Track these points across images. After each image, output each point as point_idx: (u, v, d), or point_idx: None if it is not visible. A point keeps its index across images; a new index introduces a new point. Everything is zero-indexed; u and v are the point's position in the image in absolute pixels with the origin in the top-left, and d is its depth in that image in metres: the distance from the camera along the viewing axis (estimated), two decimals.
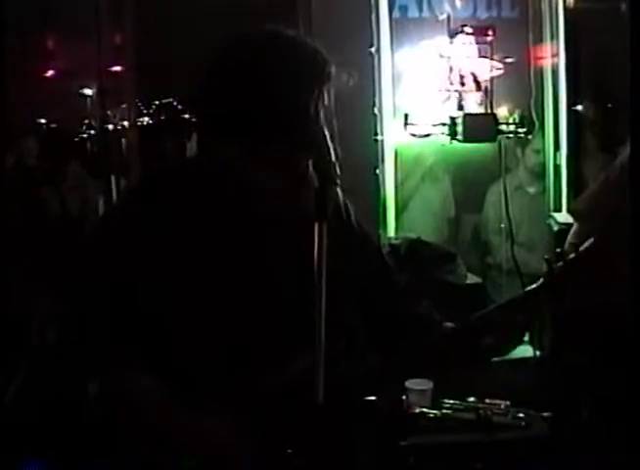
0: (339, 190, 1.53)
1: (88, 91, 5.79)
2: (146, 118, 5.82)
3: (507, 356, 3.03)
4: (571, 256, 1.69)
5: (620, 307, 1.87)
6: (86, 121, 5.93)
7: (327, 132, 1.60)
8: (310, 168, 1.57)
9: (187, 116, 5.56)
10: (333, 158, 1.56)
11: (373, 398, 1.58)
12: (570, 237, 2.45)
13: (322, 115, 1.63)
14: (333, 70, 1.65)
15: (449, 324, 1.81)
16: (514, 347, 1.79)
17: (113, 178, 5.06)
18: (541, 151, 4.24)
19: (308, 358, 1.43)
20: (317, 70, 1.63)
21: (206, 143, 1.68)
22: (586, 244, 1.69)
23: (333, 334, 1.45)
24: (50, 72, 5.82)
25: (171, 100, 6.06)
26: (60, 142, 5.93)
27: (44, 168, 5.47)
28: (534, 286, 1.74)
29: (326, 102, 1.64)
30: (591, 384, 2.43)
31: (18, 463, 1.49)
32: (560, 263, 1.70)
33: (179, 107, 5.95)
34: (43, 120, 6.00)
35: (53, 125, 6.01)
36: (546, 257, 1.72)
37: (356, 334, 1.74)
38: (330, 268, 1.46)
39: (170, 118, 5.87)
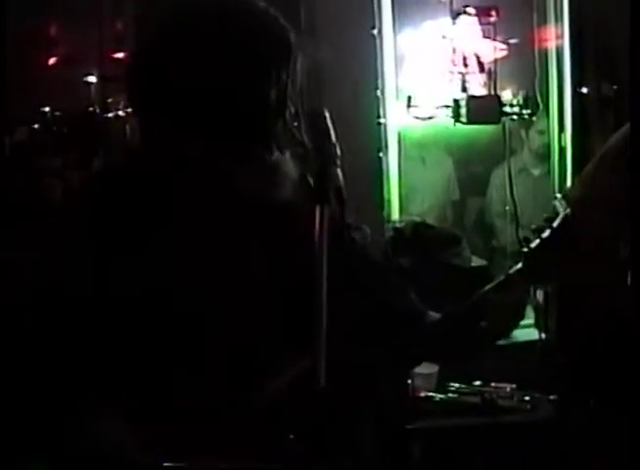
0: (339, 171, 1.50)
1: (92, 78, 5.78)
2: None
3: (513, 340, 3.04)
4: (545, 234, 1.67)
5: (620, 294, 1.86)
6: (90, 109, 5.92)
7: (326, 113, 1.55)
8: (310, 150, 1.53)
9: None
10: (333, 139, 1.52)
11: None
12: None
13: (291, 94, 1.58)
14: (295, 40, 1.58)
15: (434, 314, 1.77)
16: (512, 328, 1.76)
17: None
18: (545, 132, 4.22)
19: (306, 358, 1.39)
20: (276, 45, 1.56)
21: (158, 135, 1.59)
22: (558, 220, 1.68)
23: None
24: (53, 60, 5.80)
25: None
26: (63, 129, 5.92)
27: (47, 156, 5.46)
28: (516, 267, 1.70)
29: (298, 79, 1.59)
30: (596, 369, 2.42)
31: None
32: (535, 242, 1.68)
33: None
34: (47, 108, 5.99)
35: (57, 113, 6.00)
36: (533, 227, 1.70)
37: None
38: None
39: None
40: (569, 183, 4.04)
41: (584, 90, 4.14)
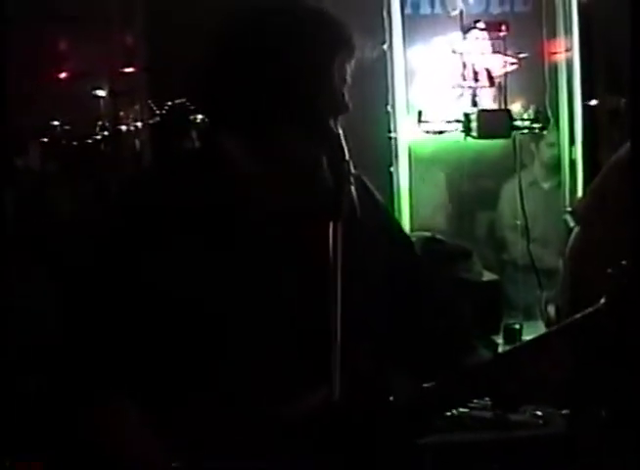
0: (353, 189, 1.49)
1: (101, 92, 5.80)
2: (157, 119, 5.82)
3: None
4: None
5: None
6: (99, 123, 5.94)
7: (339, 129, 1.53)
8: (324, 166, 1.53)
9: (200, 116, 5.55)
10: (347, 155, 1.51)
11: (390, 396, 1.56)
12: (570, 241, 2.42)
13: (343, 93, 1.56)
14: (353, 40, 1.56)
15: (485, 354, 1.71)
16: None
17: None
18: (556, 145, 4.21)
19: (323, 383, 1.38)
20: (331, 38, 1.54)
21: (209, 137, 1.62)
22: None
23: (351, 336, 1.41)
24: (62, 74, 5.83)
25: (184, 100, 6.06)
26: (73, 143, 5.94)
27: (56, 170, 5.47)
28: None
29: (348, 79, 1.56)
30: (610, 379, 2.41)
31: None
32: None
33: (191, 107, 5.94)
34: (56, 122, 6.01)
35: (66, 127, 6.03)
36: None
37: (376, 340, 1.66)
38: (348, 269, 1.42)
39: (182, 119, 5.87)
40: (579, 196, 4.03)
41: (594, 103, 4.14)
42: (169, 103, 5.99)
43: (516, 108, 3.85)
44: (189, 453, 1.46)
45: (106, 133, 5.85)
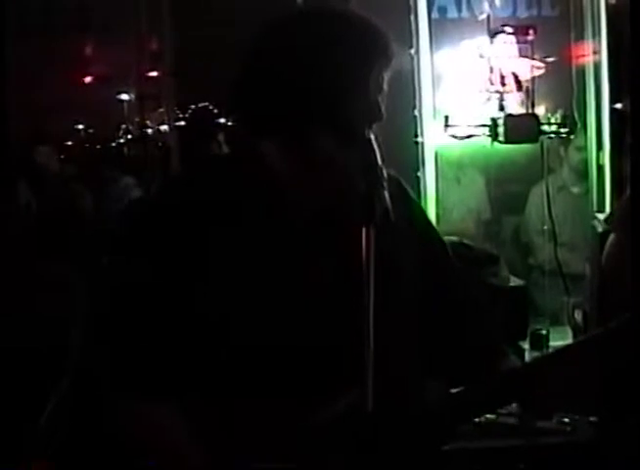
0: (386, 193, 1.48)
1: (125, 96, 5.85)
2: (182, 123, 5.86)
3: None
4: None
5: None
6: (123, 126, 5.99)
7: (372, 133, 1.54)
8: (358, 170, 1.52)
9: (222, 120, 5.58)
10: (380, 160, 1.51)
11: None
12: (607, 246, 2.41)
13: (379, 102, 1.55)
14: (392, 46, 1.57)
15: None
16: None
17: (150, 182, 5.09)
18: (584, 148, 4.18)
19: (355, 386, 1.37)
20: (371, 46, 1.54)
21: (243, 139, 1.63)
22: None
23: (383, 339, 1.41)
24: (87, 78, 5.88)
25: (207, 104, 6.09)
26: (96, 147, 6.00)
27: (81, 174, 5.52)
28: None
29: (384, 87, 1.57)
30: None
31: None
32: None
33: (215, 111, 5.97)
34: (81, 126, 6.07)
35: (90, 130, 6.08)
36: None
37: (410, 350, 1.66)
38: (382, 272, 1.42)
39: (206, 122, 5.90)
40: (607, 201, 4.00)
41: (622, 107, 4.11)
42: (192, 106, 6.03)
43: (543, 112, 3.83)
44: (221, 457, 1.46)
45: (130, 136, 5.89)
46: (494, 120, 3.66)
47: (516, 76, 3.72)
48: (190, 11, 4.92)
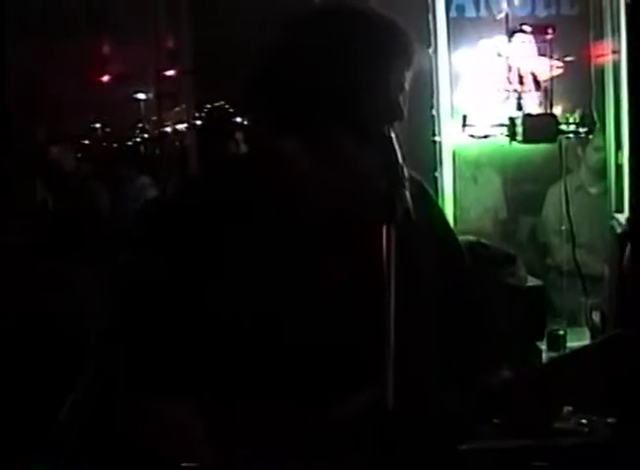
0: (407, 193, 1.48)
1: (142, 95, 5.86)
2: (199, 122, 5.86)
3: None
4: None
5: None
6: (140, 125, 6.00)
7: (393, 132, 1.53)
8: (379, 169, 1.51)
9: (239, 119, 5.57)
10: (400, 160, 1.50)
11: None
12: (628, 249, 2.40)
13: (399, 100, 1.55)
14: (413, 44, 1.56)
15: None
16: None
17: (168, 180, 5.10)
18: (602, 149, 4.16)
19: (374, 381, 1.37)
20: (391, 44, 1.53)
21: (261, 138, 1.63)
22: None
23: (401, 338, 1.40)
24: (104, 77, 5.89)
25: (224, 103, 6.09)
26: (113, 145, 6.01)
27: (97, 172, 5.53)
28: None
29: (406, 86, 1.56)
30: None
31: None
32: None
33: (232, 110, 5.97)
34: (98, 125, 6.08)
35: (107, 129, 6.09)
36: None
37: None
38: (401, 271, 1.41)
39: (223, 122, 5.90)
40: (626, 202, 3.98)
41: None
42: (209, 105, 6.03)
43: (561, 112, 3.81)
44: (237, 456, 1.46)
45: (146, 135, 5.90)
46: (512, 120, 3.65)
47: (534, 76, 3.71)
48: (208, 9, 4.93)
